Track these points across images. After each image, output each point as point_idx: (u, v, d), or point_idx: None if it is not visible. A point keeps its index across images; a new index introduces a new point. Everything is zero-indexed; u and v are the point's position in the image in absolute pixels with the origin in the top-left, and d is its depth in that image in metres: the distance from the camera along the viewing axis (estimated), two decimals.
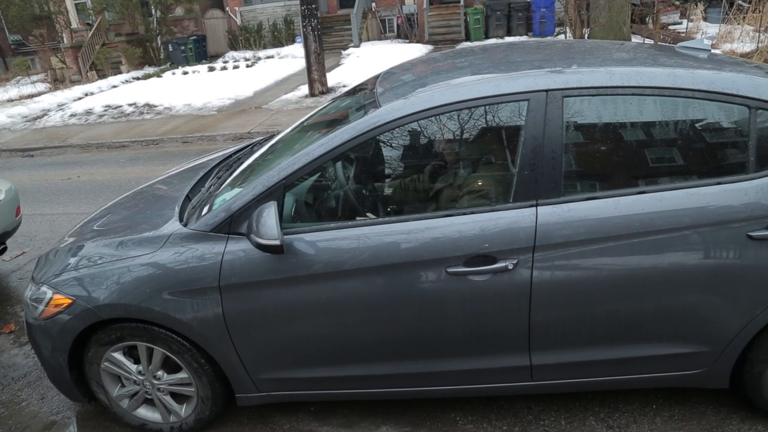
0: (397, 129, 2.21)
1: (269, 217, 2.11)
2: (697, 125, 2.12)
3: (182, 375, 2.48)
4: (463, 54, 2.86)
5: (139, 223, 2.67)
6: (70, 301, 2.40)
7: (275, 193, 2.23)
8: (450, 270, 2.13)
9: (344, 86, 10.97)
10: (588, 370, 2.31)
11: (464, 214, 2.15)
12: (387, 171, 2.51)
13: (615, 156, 2.15)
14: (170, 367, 2.51)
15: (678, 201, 2.07)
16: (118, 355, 2.50)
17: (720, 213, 2.04)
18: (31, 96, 14.65)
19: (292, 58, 15.62)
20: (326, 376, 2.41)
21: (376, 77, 2.83)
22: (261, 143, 3.35)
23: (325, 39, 14.81)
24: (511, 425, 2.53)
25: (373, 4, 17.97)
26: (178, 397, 2.58)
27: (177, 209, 2.65)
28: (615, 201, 2.08)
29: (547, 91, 2.12)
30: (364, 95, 2.65)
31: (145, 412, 2.64)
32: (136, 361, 2.52)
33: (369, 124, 2.20)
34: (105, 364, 2.51)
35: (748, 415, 2.44)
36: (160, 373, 2.51)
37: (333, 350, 2.34)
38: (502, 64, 2.46)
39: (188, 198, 2.81)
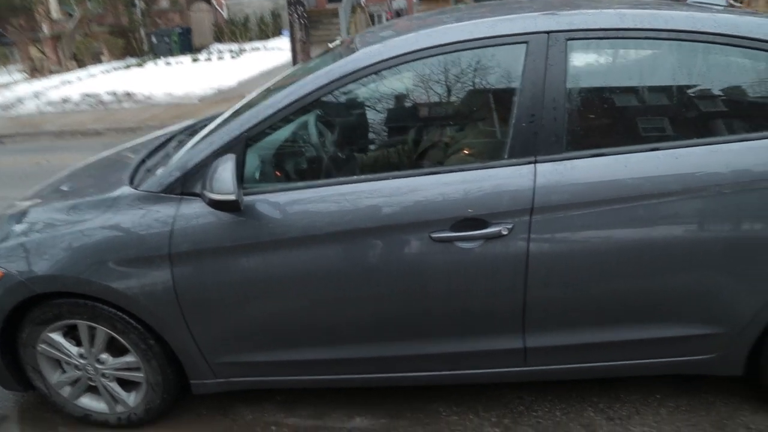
0: (374, 75, 1.94)
1: (225, 170, 1.82)
2: (718, 74, 1.88)
3: (129, 358, 2.18)
4: (456, 9, 2.59)
5: (88, 188, 2.38)
6: (0, 273, 2.09)
7: (236, 147, 1.95)
8: (435, 235, 1.86)
9: None
10: (589, 355, 2.06)
11: (452, 171, 1.89)
12: (364, 123, 2.23)
13: (625, 107, 1.90)
14: (116, 349, 2.20)
15: (696, 159, 1.81)
16: (57, 336, 2.19)
17: (744, 174, 1.79)
18: (6, 85, 14.19)
19: (278, 50, 15.31)
20: (292, 360, 2.12)
21: (355, 35, 2.56)
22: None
23: (313, 33, 14.54)
24: (500, 416, 2.26)
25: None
26: (126, 385, 2.28)
27: (130, 171, 2.35)
28: (625, 158, 1.83)
29: (548, 32, 1.86)
30: (342, 50, 2.37)
31: (88, 402, 2.32)
32: (78, 343, 2.21)
33: (343, 70, 1.93)
34: (41, 346, 2.20)
35: (762, 405, 2.20)
36: (104, 356, 2.20)
37: (299, 329, 2.06)
38: (500, 10, 2.19)
39: (144, 162, 2.51)
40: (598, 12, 1.90)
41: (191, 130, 2.85)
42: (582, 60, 1.88)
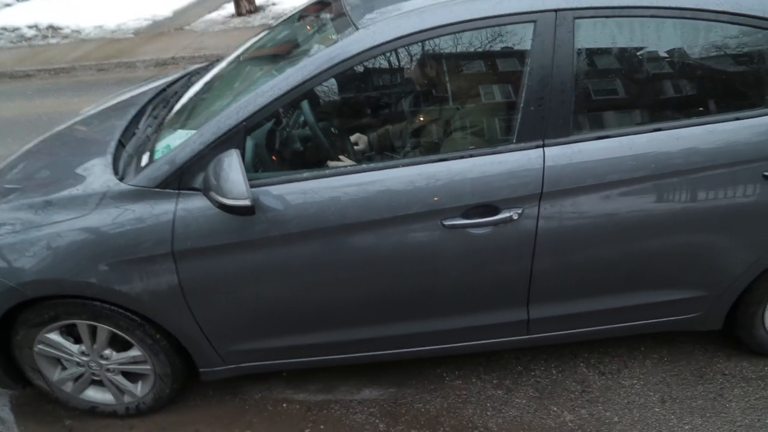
0: (380, 56, 1.86)
1: (232, 169, 1.73)
2: (718, 53, 1.90)
3: (135, 353, 2.14)
4: None
5: (63, 177, 2.21)
6: None
7: (235, 137, 1.85)
8: (447, 223, 1.87)
9: (274, 4, 10.07)
10: (585, 321, 2.18)
11: (462, 157, 1.87)
12: (367, 109, 2.16)
13: (629, 89, 1.91)
14: (119, 343, 2.15)
15: (695, 139, 1.87)
16: (55, 336, 2.11)
17: (738, 152, 1.87)
18: None
19: None
20: (303, 344, 2.15)
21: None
22: (200, 72, 2.87)
23: None
24: (501, 378, 2.40)
25: None
26: (132, 375, 2.26)
27: (110, 158, 2.20)
28: (629, 140, 1.86)
29: (556, 11, 1.80)
30: (328, 16, 2.23)
31: (94, 394, 2.29)
32: (78, 341, 2.15)
33: (348, 51, 1.82)
34: (39, 347, 2.12)
35: (733, 352, 2.42)
36: (107, 352, 2.16)
37: (312, 317, 2.07)
38: None
39: (121, 144, 2.35)
40: None
41: (164, 100, 2.66)
42: (588, 40, 1.85)
